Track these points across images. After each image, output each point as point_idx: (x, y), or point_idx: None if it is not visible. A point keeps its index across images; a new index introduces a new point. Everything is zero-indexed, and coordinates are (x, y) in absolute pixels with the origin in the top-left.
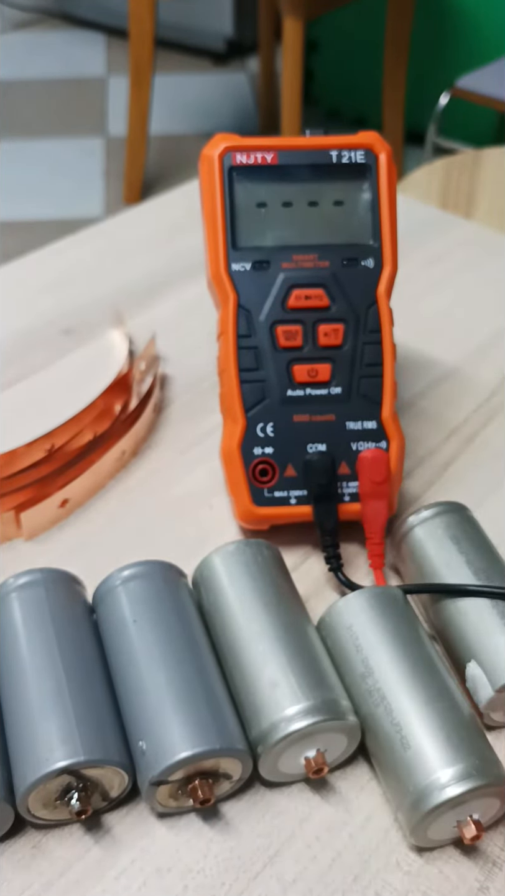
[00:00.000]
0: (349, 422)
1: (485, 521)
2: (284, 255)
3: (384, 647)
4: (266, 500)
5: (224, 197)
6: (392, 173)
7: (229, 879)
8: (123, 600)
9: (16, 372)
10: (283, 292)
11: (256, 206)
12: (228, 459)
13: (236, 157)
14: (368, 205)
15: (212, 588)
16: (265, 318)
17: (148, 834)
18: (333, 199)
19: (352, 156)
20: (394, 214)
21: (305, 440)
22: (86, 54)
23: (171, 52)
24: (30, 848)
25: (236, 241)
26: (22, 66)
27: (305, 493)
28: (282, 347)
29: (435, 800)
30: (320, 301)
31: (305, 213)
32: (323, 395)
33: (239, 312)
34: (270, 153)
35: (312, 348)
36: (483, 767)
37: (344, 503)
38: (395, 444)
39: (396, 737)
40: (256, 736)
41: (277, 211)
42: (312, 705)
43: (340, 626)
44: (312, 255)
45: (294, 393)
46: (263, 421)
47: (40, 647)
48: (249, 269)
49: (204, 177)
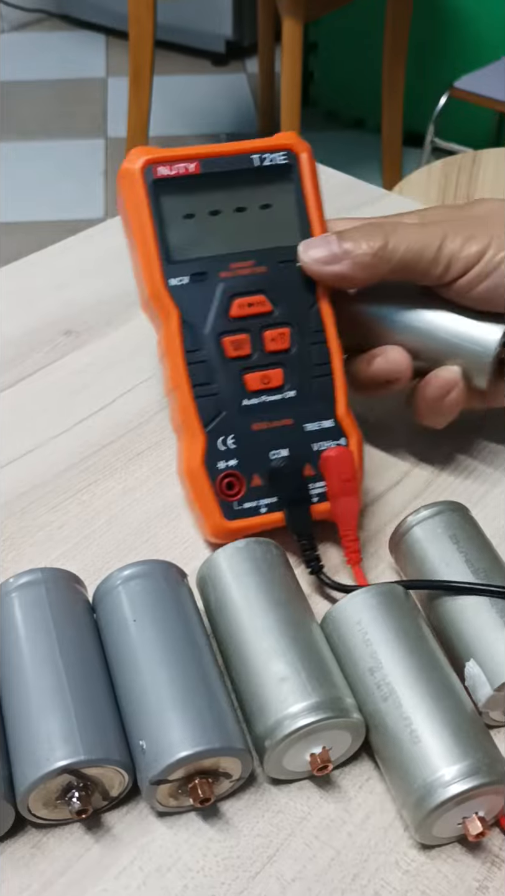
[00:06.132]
0: (307, 423)
1: (484, 520)
2: (220, 264)
3: (393, 642)
4: (237, 512)
5: (151, 211)
6: (314, 171)
7: (229, 878)
8: (124, 600)
9: (16, 372)
10: (224, 302)
11: (184, 217)
12: (193, 477)
13: (158, 170)
14: (294, 205)
15: (218, 585)
16: (210, 331)
17: (148, 833)
18: (260, 202)
19: (273, 158)
20: (321, 212)
21: (266, 447)
22: (86, 55)
23: (171, 53)
24: (30, 847)
25: (170, 256)
26: (22, 67)
27: (274, 500)
28: (231, 357)
29: (440, 796)
30: (263, 307)
31: (235, 219)
32: (278, 400)
33: (183, 327)
34: (191, 163)
35: (261, 355)
36: (489, 764)
37: (314, 504)
38: (353, 439)
39: (406, 731)
40: (261, 731)
41: (206, 220)
42: (318, 702)
43: (348, 620)
44: (249, 262)
45: (250, 402)
46: (223, 434)
47: (41, 646)
48: (188, 283)
49: (127, 193)
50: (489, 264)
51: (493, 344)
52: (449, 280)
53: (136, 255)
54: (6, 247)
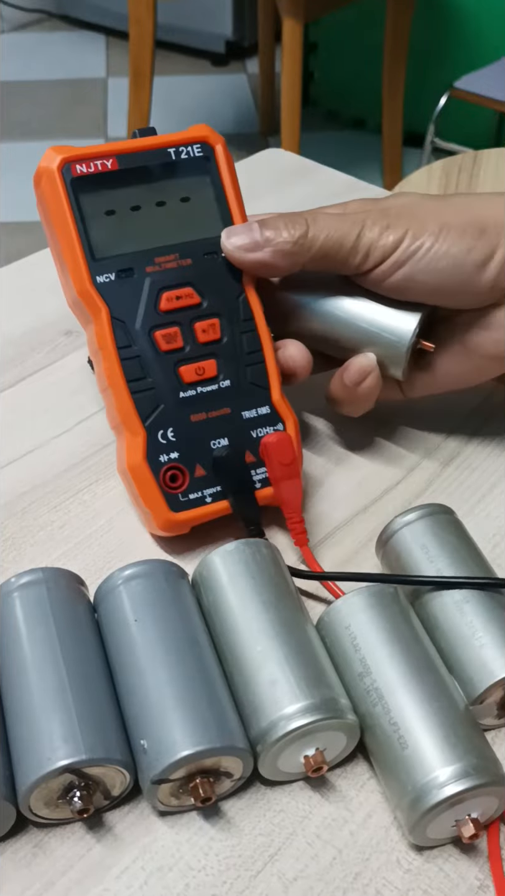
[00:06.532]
0: (244, 411)
1: (484, 520)
2: (145, 259)
3: (382, 647)
4: (182, 504)
5: (72, 210)
6: (230, 162)
7: (231, 878)
8: (125, 599)
9: (16, 372)
10: (153, 297)
11: (105, 214)
12: (137, 473)
13: (76, 168)
14: (213, 196)
15: (212, 587)
16: (141, 326)
17: (149, 832)
18: (180, 196)
19: (189, 150)
20: (240, 202)
21: (206, 438)
22: (86, 56)
23: (171, 53)
24: (31, 847)
25: (95, 253)
26: (22, 67)
27: (218, 489)
28: (164, 351)
29: (433, 798)
30: (191, 299)
31: (156, 214)
32: (214, 390)
33: (114, 324)
34: (108, 159)
35: (193, 347)
36: (482, 766)
37: (257, 490)
38: (290, 423)
39: (394, 736)
40: (255, 735)
41: (127, 216)
42: (311, 703)
43: (338, 625)
44: (173, 255)
45: (186, 394)
46: (162, 427)
47: (42, 646)
48: (114, 279)
49: (46, 192)
50: (404, 253)
51: (408, 332)
52: (367, 269)
53: (60, 255)
54: (6, 247)
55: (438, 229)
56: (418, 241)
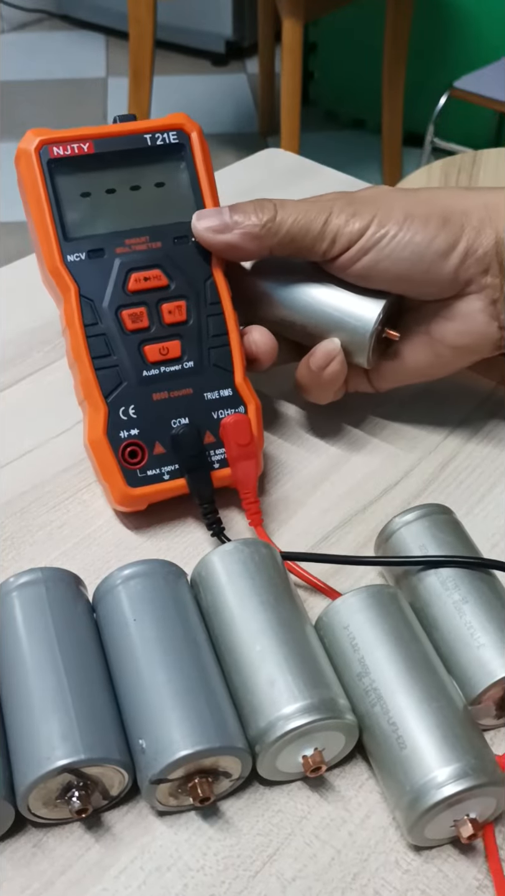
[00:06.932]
0: (206, 392)
1: (484, 520)
2: (116, 240)
3: (381, 647)
4: (140, 479)
5: (48, 190)
6: (205, 150)
7: (229, 878)
8: (124, 599)
9: (16, 372)
10: (122, 277)
11: (80, 195)
12: (97, 447)
13: (53, 150)
14: (187, 182)
15: (210, 587)
16: (109, 305)
17: (148, 832)
18: (154, 181)
19: (165, 137)
20: (214, 189)
21: (167, 417)
22: (86, 55)
23: (171, 53)
24: (30, 847)
25: (67, 233)
26: (22, 67)
27: (176, 467)
28: (130, 330)
29: (432, 799)
30: (159, 281)
31: (130, 197)
32: (177, 370)
33: (82, 302)
34: (85, 143)
35: (159, 327)
36: (480, 766)
37: (215, 470)
38: (251, 406)
39: (393, 736)
40: (253, 735)
41: (101, 198)
42: (309, 704)
43: (336, 625)
44: (144, 238)
45: (150, 373)
46: (123, 404)
47: (41, 645)
48: (85, 259)
49: (24, 172)
50: (370, 240)
51: (371, 318)
52: (334, 255)
53: (34, 233)
54: (6, 247)
55: (403, 218)
56: (383, 228)
